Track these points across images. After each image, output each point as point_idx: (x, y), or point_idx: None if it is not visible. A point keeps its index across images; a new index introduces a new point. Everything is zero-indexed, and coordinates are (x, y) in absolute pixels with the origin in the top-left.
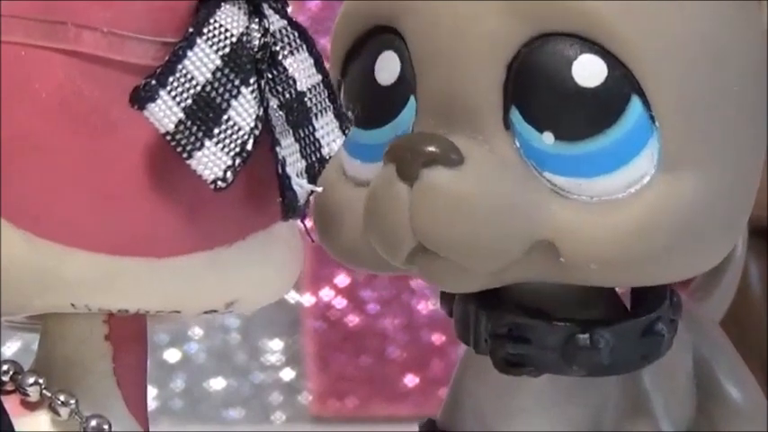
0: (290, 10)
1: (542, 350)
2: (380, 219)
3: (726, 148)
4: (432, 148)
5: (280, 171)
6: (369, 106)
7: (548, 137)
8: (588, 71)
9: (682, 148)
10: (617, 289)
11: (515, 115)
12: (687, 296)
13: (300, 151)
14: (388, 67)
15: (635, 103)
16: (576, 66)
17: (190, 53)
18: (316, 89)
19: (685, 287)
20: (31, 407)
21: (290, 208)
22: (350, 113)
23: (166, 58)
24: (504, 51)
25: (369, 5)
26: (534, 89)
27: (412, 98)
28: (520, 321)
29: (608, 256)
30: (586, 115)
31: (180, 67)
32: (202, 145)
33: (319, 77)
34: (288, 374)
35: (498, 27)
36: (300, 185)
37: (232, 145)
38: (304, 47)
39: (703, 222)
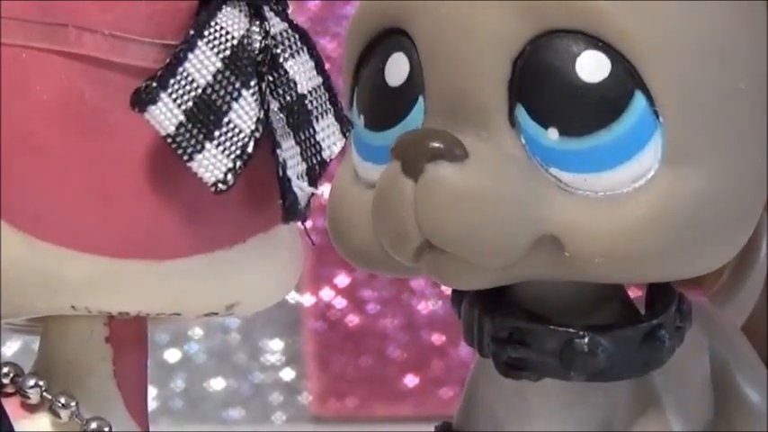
0: (290, 12)
1: (541, 354)
2: (387, 215)
3: (732, 143)
4: (436, 144)
5: (280, 174)
6: (379, 108)
7: (552, 133)
8: (591, 67)
9: (686, 143)
10: (630, 293)
11: (521, 112)
12: (709, 299)
13: (301, 154)
14: (397, 69)
15: (638, 98)
16: (579, 61)
17: (191, 56)
18: (316, 92)
19: (706, 290)
20: (31, 409)
21: (291, 211)
22: (355, 116)
23: (167, 60)
24: (509, 49)
25: (378, 8)
26: (539, 86)
27: (420, 98)
28: (520, 325)
29: (612, 249)
30: (590, 110)
31: (181, 69)
32: (203, 147)
33: (320, 80)
34: (288, 374)
35: (503, 25)
36: (301, 188)
37: (233, 147)
38: (305, 50)
39: (710, 217)
